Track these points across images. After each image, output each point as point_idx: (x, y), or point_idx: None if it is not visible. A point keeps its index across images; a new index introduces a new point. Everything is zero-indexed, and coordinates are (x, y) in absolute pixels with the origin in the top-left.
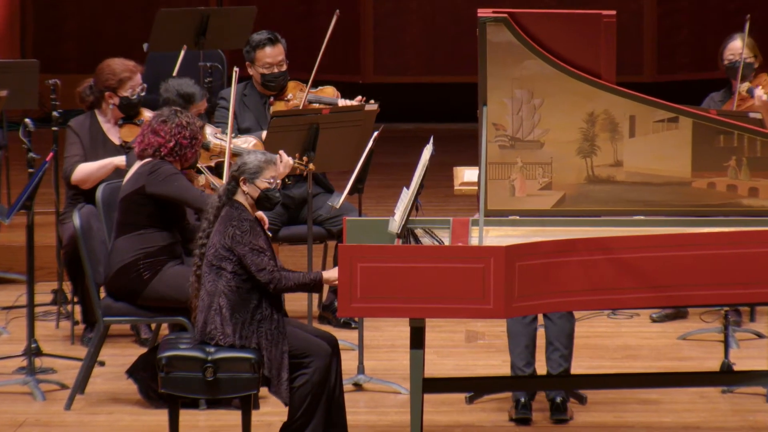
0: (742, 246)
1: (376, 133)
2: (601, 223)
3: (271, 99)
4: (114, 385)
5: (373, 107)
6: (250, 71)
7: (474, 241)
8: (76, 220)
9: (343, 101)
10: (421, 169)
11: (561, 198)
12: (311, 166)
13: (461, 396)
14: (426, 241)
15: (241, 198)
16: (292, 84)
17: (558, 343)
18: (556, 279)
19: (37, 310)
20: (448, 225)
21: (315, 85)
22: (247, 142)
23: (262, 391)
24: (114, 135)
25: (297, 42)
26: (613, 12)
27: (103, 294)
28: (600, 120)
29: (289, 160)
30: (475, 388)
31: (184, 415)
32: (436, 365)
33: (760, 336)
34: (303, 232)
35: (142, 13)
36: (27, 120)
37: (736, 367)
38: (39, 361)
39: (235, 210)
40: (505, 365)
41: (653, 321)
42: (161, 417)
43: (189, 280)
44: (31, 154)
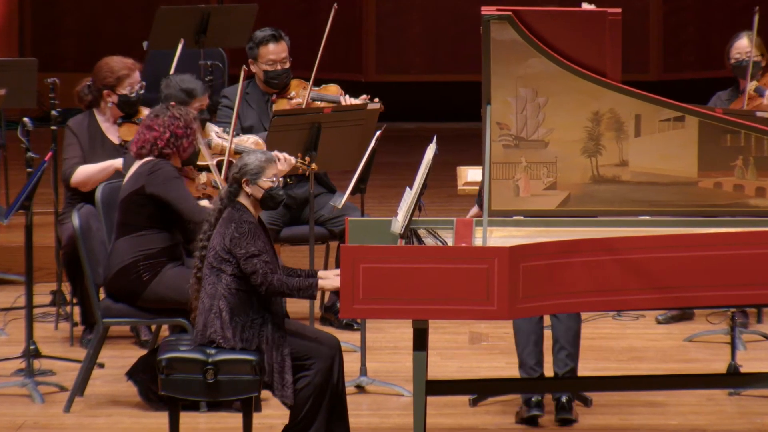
0: (749, 247)
1: (378, 133)
2: (606, 223)
3: (274, 97)
4: (113, 388)
5: (376, 106)
6: (253, 68)
7: (478, 241)
8: (75, 220)
9: (347, 99)
10: (424, 169)
11: (566, 198)
12: (314, 166)
13: (465, 398)
14: (429, 241)
15: (243, 200)
16: (295, 82)
17: (565, 342)
18: (560, 280)
19: (36, 311)
20: (452, 225)
21: (318, 83)
22: (249, 141)
23: (265, 393)
24: (113, 134)
25: (298, 40)
26: (619, 10)
27: (102, 295)
28: (605, 119)
29: (291, 159)
30: (479, 390)
31: (185, 418)
32: (440, 367)
33: (767, 338)
34: (305, 233)
35: (141, 11)
36: (25, 119)
37: (743, 369)
38: (38, 363)
39: (237, 211)
40: (509, 367)
41: (659, 323)
42: (161, 419)
43: (189, 281)
44: (29, 154)
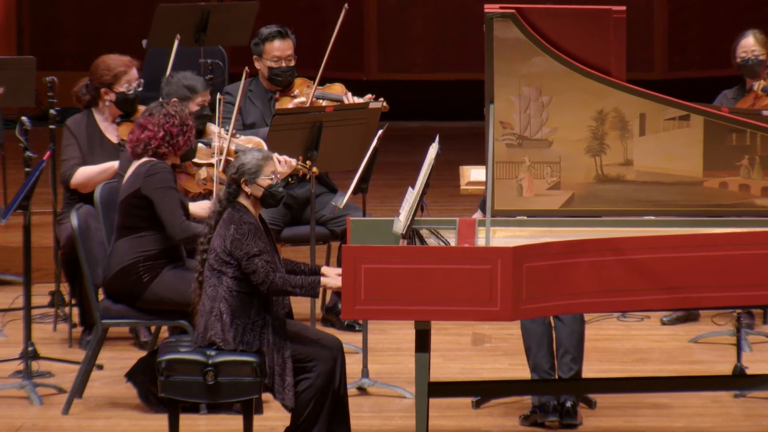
0: (755, 247)
1: (380, 132)
2: (610, 223)
3: (277, 95)
4: (113, 389)
5: (378, 105)
6: (257, 65)
7: (481, 241)
8: (74, 220)
9: (350, 98)
10: (427, 168)
11: (570, 198)
12: (314, 169)
13: (467, 400)
14: (431, 241)
15: (243, 200)
16: (299, 80)
17: (569, 346)
18: (564, 280)
19: (34, 312)
20: (454, 225)
21: (322, 82)
22: (249, 141)
23: (266, 395)
24: (111, 133)
25: (299, 38)
26: (623, 8)
27: (101, 296)
28: (609, 118)
29: (292, 162)
30: (482, 392)
31: (185, 420)
32: (442, 369)
33: None
34: (306, 233)
35: (141, 9)
36: (24, 118)
37: (749, 371)
38: (36, 365)
39: (237, 212)
40: (512, 369)
41: (664, 324)
42: (161, 422)
43: (189, 282)
44: (28, 153)
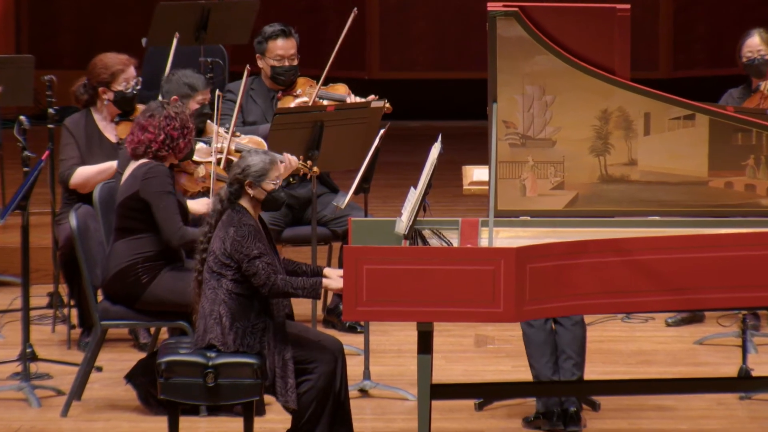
0: (761, 248)
1: (382, 131)
2: (614, 223)
3: (280, 94)
4: (112, 391)
5: (380, 104)
6: (260, 64)
7: (483, 242)
8: (73, 220)
9: (354, 99)
10: (429, 168)
11: (573, 198)
12: (315, 169)
13: (470, 402)
14: (434, 242)
15: (244, 201)
16: (302, 80)
17: (571, 351)
18: (568, 281)
19: (33, 313)
20: (457, 226)
21: (325, 83)
22: (250, 140)
23: (268, 397)
24: (110, 133)
25: (300, 37)
26: (628, 6)
27: (100, 297)
28: (614, 117)
29: (293, 160)
30: (485, 394)
31: (184, 422)
32: (445, 371)
33: None
34: (307, 233)
35: (140, 7)
36: (22, 117)
37: (755, 373)
38: (34, 367)
39: (236, 214)
40: (515, 370)
41: (668, 325)
42: (160, 424)
43: (188, 283)
44: (26, 153)
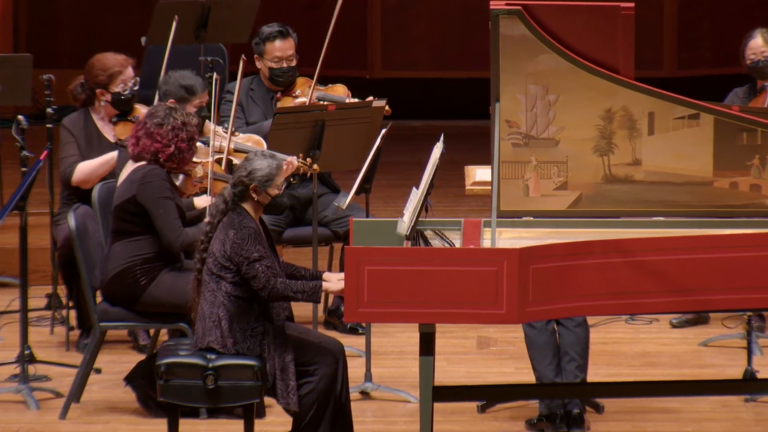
0: (766, 248)
1: (383, 131)
2: (618, 224)
3: (279, 95)
4: (111, 394)
5: (381, 103)
6: (258, 65)
7: (486, 243)
8: (72, 221)
9: (352, 101)
10: (431, 168)
11: (577, 198)
12: (315, 167)
13: (473, 405)
14: (436, 243)
15: (246, 203)
16: (301, 80)
17: (574, 353)
18: (572, 283)
19: (31, 315)
20: (459, 226)
21: (324, 81)
22: (249, 139)
23: (268, 399)
24: (109, 132)
25: (301, 36)
26: (632, 4)
27: (99, 298)
28: (618, 117)
29: (293, 160)
30: (488, 396)
31: (184, 425)
32: (447, 373)
33: None
34: (308, 234)
35: (140, 6)
36: (20, 117)
37: (760, 375)
38: (33, 369)
39: (237, 216)
40: (518, 372)
41: (673, 327)
42: (160, 426)
43: (188, 284)
44: (24, 153)
